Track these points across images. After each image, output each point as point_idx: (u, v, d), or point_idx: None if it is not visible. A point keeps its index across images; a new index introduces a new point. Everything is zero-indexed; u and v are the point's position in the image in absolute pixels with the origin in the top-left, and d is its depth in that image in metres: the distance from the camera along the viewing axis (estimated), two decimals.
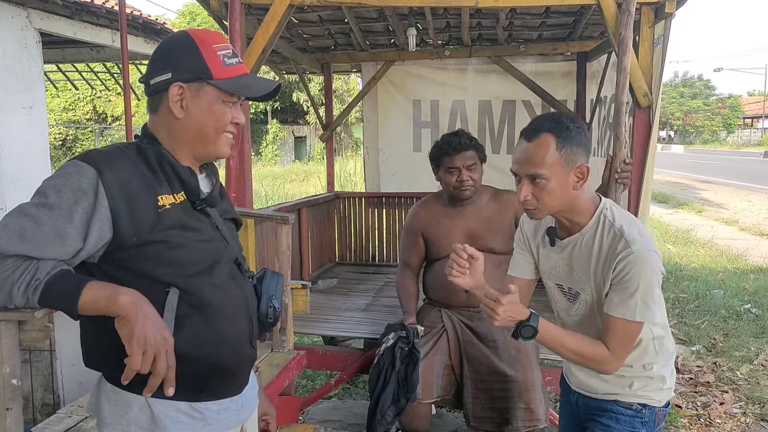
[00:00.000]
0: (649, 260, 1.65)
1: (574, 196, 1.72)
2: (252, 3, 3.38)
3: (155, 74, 1.37)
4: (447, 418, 3.77)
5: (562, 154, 1.66)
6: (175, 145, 1.39)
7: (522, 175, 1.71)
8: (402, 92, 5.59)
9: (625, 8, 2.78)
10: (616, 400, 1.83)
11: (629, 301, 1.65)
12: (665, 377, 1.84)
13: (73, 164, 1.27)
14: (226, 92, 1.37)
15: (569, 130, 1.68)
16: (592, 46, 4.82)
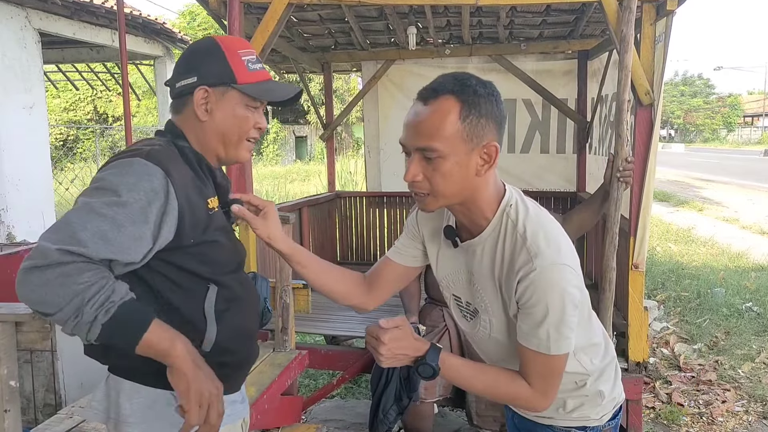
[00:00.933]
0: (555, 279, 1.28)
1: (476, 185, 1.34)
2: (251, 2, 3.37)
3: (181, 77, 1.41)
4: (450, 417, 3.76)
5: (466, 125, 1.28)
6: (201, 146, 1.42)
7: (411, 147, 1.34)
8: (402, 91, 5.58)
9: (627, 5, 2.78)
10: (551, 426, 1.55)
11: (538, 331, 1.30)
12: (602, 391, 1.54)
13: (140, 163, 1.26)
14: (250, 96, 1.41)
15: (477, 94, 1.31)
16: (593, 44, 4.81)
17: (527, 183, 5.33)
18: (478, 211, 1.38)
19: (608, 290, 2.81)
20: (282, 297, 2.87)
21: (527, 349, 1.33)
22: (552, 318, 1.28)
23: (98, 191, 1.22)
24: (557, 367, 1.36)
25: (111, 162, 1.30)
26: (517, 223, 1.35)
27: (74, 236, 1.14)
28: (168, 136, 1.43)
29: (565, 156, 5.36)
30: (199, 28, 26.42)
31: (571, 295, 1.29)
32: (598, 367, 1.53)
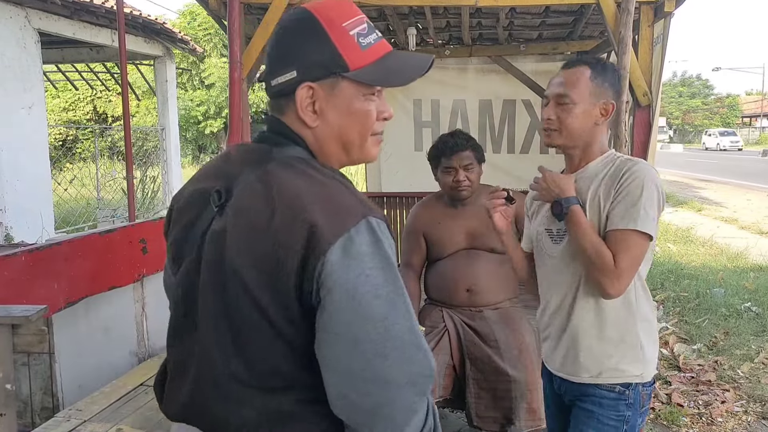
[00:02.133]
0: (651, 172, 1.71)
1: (594, 132, 1.80)
2: (251, 2, 3.38)
3: (276, 73, 1.11)
4: (450, 418, 3.76)
5: (593, 85, 1.76)
6: (320, 154, 1.14)
7: (551, 96, 1.81)
8: (402, 92, 5.58)
9: (625, 7, 2.78)
10: (598, 384, 1.78)
11: (632, 209, 1.66)
12: (643, 344, 1.77)
13: (380, 226, 1.03)
14: (368, 85, 1.13)
15: (605, 67, 1.82)
16: (592, 45, 4.82)
17: (527, 183, 5.29)
18: (589, 152, 1.82)
19: None
20: None
21: (618, 230, 1.68)
22: (644, 197, 1.66)
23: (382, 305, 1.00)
24: (639, 249, 1.68)
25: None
26: (625, 158, 1.79)
27: None
28: (294, 147, 1.12)
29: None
30: (199, 28, 26.40)
31: (657, 189, 1.69)
32: (645, 315, 1.79)
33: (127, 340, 2.77)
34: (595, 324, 1.78)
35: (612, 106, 1.78)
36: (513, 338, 2.79)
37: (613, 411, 1.76)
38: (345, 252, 0.96)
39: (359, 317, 0.96)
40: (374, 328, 0.97)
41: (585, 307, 1.79)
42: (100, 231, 2.61)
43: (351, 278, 0.96)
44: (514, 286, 3.13)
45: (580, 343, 1.80)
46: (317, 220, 0.97)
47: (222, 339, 1.05)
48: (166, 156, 10.52)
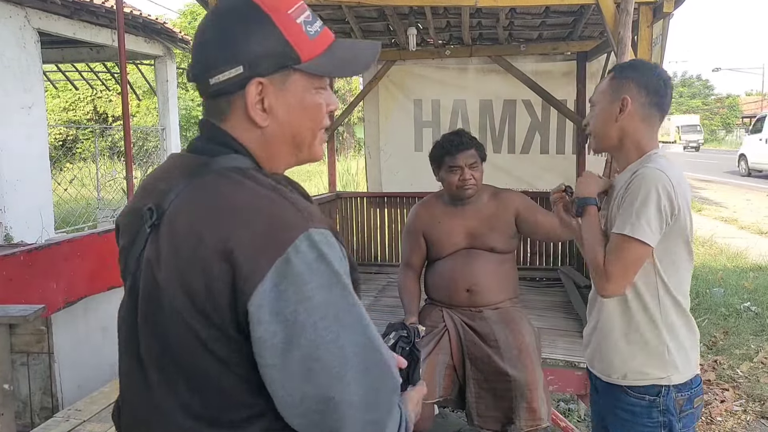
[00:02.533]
0: (652, 177, 1.67)
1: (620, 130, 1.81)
2: None
3: (216, 69, 0.98)
4: (450, 418, 3.77)
5: (613, 83, 1.82)
6: (267, 161, 1.03)
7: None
8: (403, 92, 5.59)
9: (624, 8, 2.79)
10: (626, 389, 1.80)
11: (627, 215, 1.68)
12: (669, 347, 1.76)
13: (324, 238, 0.92)
14: (321, 76, 1.03)
15: (631, 65, 1.90)
16: (592, 45, 4.82)
17: (527, 183, 5.33)
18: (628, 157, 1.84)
19: None
20: None
21: (613, 234, 1.72)
22: (640, 203, 1.65)
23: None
24: (627, 254, 1.69)
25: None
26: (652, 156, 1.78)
27: None
28: (235, 156, 1.00)
29: (565, 156, 5.36)
30: None
31: (659, 195, 1.65)
32: (673, 322, 1.77)
33: None
34: (621, 325, 1.81)
35: (626, 100, 1.77)
36: (513, 338, 2.79)
37: (646, 418, 1.78)
38: (281, 277, 0.86)
39: (305, 344, 0.87)
40: (326, 351, 0.88)
41: (613, 308, 1.82)
42: (99, 231, 2.61)
43: (289, 305, 0.86)
44: (514, 286, 3.13)
45: (607, 342, 1.85)
46: (246, 248, 0.87)
47: (170, 378, 0.96)
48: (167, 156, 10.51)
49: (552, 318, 3.70)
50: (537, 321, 3.41)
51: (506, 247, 3.06)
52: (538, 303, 4.05)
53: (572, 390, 3.16)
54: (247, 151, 1.00)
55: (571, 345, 3.22)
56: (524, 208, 3.06)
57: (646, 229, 1.65)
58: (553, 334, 3.38)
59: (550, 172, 5.41)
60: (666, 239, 1.71)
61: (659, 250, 1.72)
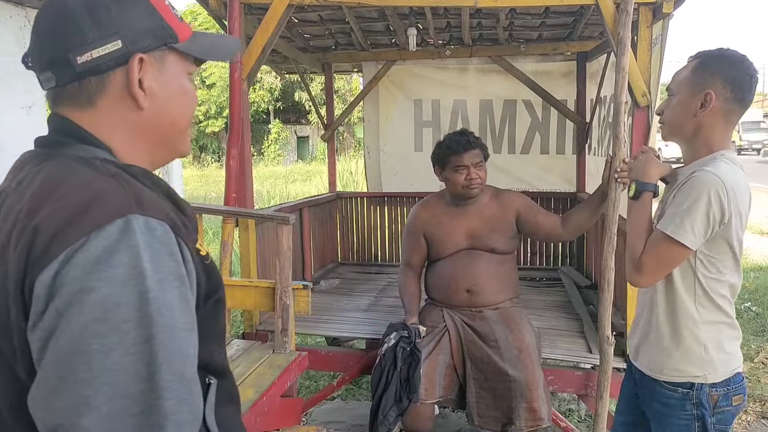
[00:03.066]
0: (705, 181, 1.65)
1: (696, 125, 1.76)
2: (251, 2, 3.39)
3: (86, 45, 0.85)
4: (451, 418, 3.77)
5: (695, 75, 1.75)
6: (136, 154, 0.92)
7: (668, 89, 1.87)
8: (403, 92, 5.60)
9: (624, 8, 2.79)
10: (663, 383, 1.82)
11: (673, 214, 1.69)
12: (707, 346, 1.77)
13: (147, 229, 0.76)
14: (194, 60, 0.98)
15: (716, 55, 1.76)
16: (592, 45, 4.82)
17: (528, 183, 5.34)
18: (696, 152, 1.79)
19: (607, 290, 2.82)
20: (282, 298, 2.87)
21: (656, 228, 1.74)
22: (686, 206, 1.65)
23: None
24: (666, 253, 1.72)
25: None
26: (713, 162, 1.71)
27: None
28: (84, 148, 0.87)
29: (565, 157, 5.37)
30: (200, 27, 26.44)
31: (710, 201, 1.63)
32: (711, 320, 1.78)
33: None
34: (663, 322, 1.83)
35: (710, 95, 1.70)
36: (513, 338, 2.80)
37: (680, 410, 1.80)
38: (68, 262, 0.71)
39: (62, 346, 0.70)
40: (83, 364, 0.69)
41: (659, 305, 1.84)
42: None
43: (63, 295, 0.70)
44: (515, 286, 3.14)
45: (648, 338, 1.89)
46: (49, 227, 0.74)
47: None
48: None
49: (552, 318, 3.71)
50: (537, 321, 3.42)
51: (507, 248, 3.07)
52: (539, 303, 4.06)
53: (572, 390, 3.16)
54: (103, 144, 0.88)
55: (571, 345, 3.23)
56: (525, 209, 3.07)
57: (688, 233, 1.66)
58: (553, 334, 3.39)
59: (550, 172, 5.42)
60: (711, 242, 1.71)
61: (701, 251, 1.73)
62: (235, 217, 3.31)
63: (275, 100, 30.03)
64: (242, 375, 2.62)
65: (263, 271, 3.58)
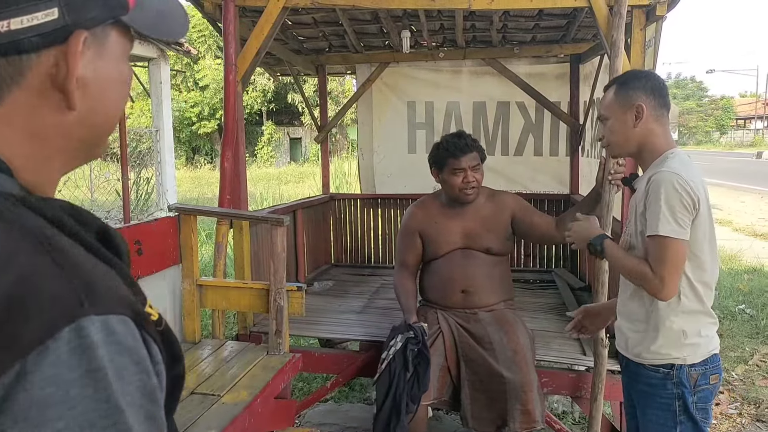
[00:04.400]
0: (668, 178, 1.80)
1: (639, 136, 1.95)
2: (246, 5, 3.38)
3: (11, 8, 0.57)
4: (445, 420, 3.77)
5: (618, 96, 1.98)
6: (43, 171, 0.65)
7: (599, 117, 2.09)
8: (396, 94, 5.60)
9: (617, 11, 2.80)
10: (643, 364, 1.95)
11: (653, 217, 1.80)
12: (685, 331, 1.90)
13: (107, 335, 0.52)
14: (133, 35, 0.71)
15: (631, 75, 2.09)
16: (585, 48, 4.84)
17: (521, 185, 5.34)
18: (647, 159, 1.97)
19: (601, 292, 2.83)
20: (276, 300, 2.87)
21: (648, 238, 1.83)
22: (662, 203, 1.77)
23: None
24: (671, 254, 1.80)
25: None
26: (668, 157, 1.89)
27: None
28: None
29: (558, 158, 5.38)
30: (193, 29, 26.40)
31: (677, 192, 1.77)
32: (690, 308, 1.89)
33: None
34: (636, 305, 1.98)
35: (641, 106, 1.93)
36: (507, 340, 2.80)
37: (662, 390, 1.92)
38: (7, 399, 0.47)
39: None
40: None
41: (630, 287, 2.01)
42: None
43: None
44: (509, 287, 3.14)
45: (630, 327, 2.01)
46: None
47: None
48: (160, 157, 10.50)
49: (546, 320, 3.71)
50: (531, 323, 3.42)
51: (502, 249, 3.08)
52: (533, 305, 4.06)
53: (567, 392, 3.16)
54: (3, 164, 0.60)
55: (565, 347, 3.23)
56: (520, 210, 3.07)
57: (681, 227, 1.78)
58: (547, 336, 3.39)
59: (543, 173, 5.43)
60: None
61: None
62: (229, 218, 3.30)
63: (268, 102, 29.99)
64: (236, 376, 2.62)
65: (257, 273, 3.57)
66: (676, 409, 1.90)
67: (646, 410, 1.98)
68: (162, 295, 3.02)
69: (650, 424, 1.97)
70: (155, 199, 10.79)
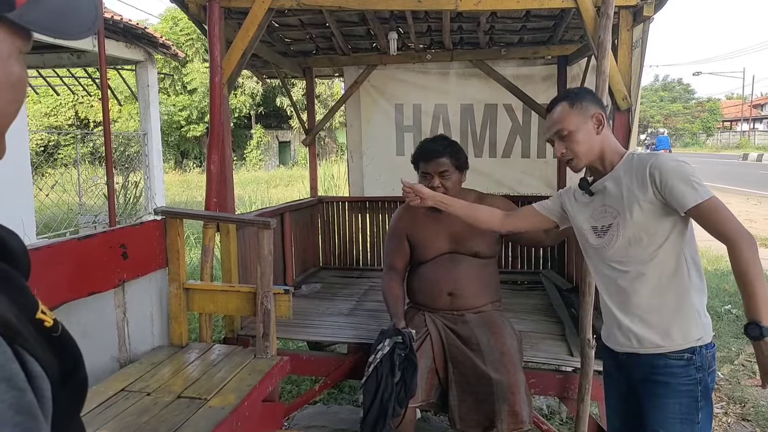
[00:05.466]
0: (663, 158, 1.92)
1: (601, 142, 2.05)
2: (231, 6, 3.37)
3: None
4: (433, 422, 3.76)
5: (575, 110, 2.05)
6: None
7: (552, 136, 2.10)
8: (384, 96, 5.60)
9: (604, 12, 2.81)
10: (665, 354, 1.94)
11: (688, 187, 1.84)
12: (698, 310, 1.93)
13: None
14: (26, 33, 0.66)
15: (578, 91, 2.15)
16: (572, 49, 4.85)
17: (509, 187, 5.35)
18: (609, 159, 2.06)
19: (588, 293, 2.84)
20: (263, 303, 2.86)
21: (698, 206, 1.82)
22: (685, 172, 1.86)
23: None
24: (723, 208, 1.82)
25: None
26: (642, 155, 2.00)
27: None
28: None
29: (546, 160, 5.40)
30: (181, 32, 26.31)
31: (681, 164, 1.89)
32: (696, 284, 1.94)
33: (108, 346, 2.75)
34: (654, 297, 1.96)
35: (601, 114, 2.05)
36: (495, 341, 2.80)
37: (685, 378, 1.92)
38: None
39: None
40: None
41: (642, 283, 1.98)
42: (80, 236, 2.58)
43: None
44: (496, 289, 3.14)
45: (642, 316, 1.99)
46: None
47: None
48: (149, 161, 10.46)
49: (534, 321, 3.72)
50: (519, 324, 3.42)
51: (489, 252, 3.08)
52: (520, 306, 4.06)
53: (554, 393, 3.16)
54: None
55: (552, 348, 3.23)
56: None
57: (705, 186, 1.86)
58: (534, 337, 3.39)
59: (531, 176, 5.44)
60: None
61: (683, 220, 1.93)
62: (216, 222, 3.28)
63: (257, 106, 29.94)
64: (223, 380, 2.60)
65: (245, 276, 3.56)
66: (698, 395, 1.91)
67: (664, 401, 1.96)
68: (148, 298, 3.00)
69: (669, 415, 1.94)
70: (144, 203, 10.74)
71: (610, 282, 2.07)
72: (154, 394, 2.42)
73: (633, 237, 1.98)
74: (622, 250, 2.01)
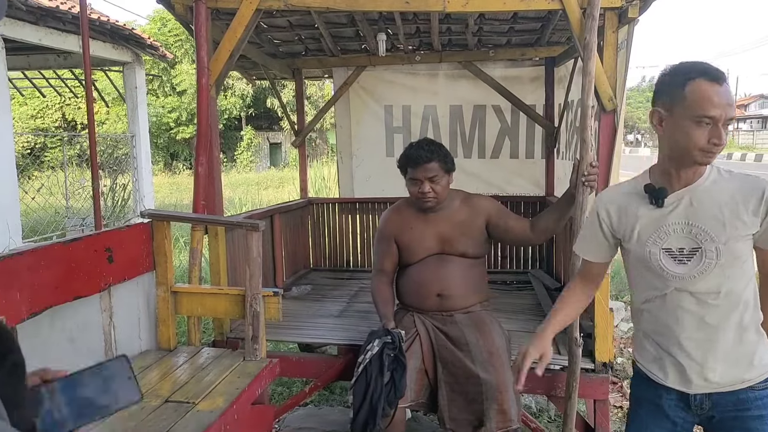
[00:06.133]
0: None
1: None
2: (218, 7, 3.36)
3: None
4: (422, 422, 3.77)
5: None
6: None
7: (725, 119, 1.69)
8: (374, 97, 5.60)
9: (590, 13, 2.83)
10: (752, 386, 1.77)
11: None
12: (766, 333, 1.82)
13: None
14: None
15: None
16: (559, 51, 4.88)
17: (497, 188, 5.37)
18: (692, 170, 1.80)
19: None
20: (252, 305, 2.85)
21: None
22: None
23: None
24: None
25: None
26: (745, 176, 1.80)
27: None
28: None
29: (534, 161, 5.42)
30: (170, 34, 26.20)
31: None
32: (758, 306, 1.81)
33: (94, 350, 2.73)
34: (739, 331, 1.77)
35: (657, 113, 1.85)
36: (483, 341, 2.81)
37: None
38: None
39: None
40: None
41: (732, 319, 1.76)
42: (65, 240, 2.56)
43: None
44: (485, 289, 3.15)
45: (728, 356, 1.78)
46: None
47: None
48: (137, 163, 10.41)
49: (522, 320, 3.73)
50: (507, 324, 3.43)
51: (478, 252, 3.09)
52: (509, 306, 4.08)
53: (542, 391, 3.18)
54: None
55: None
56: (495, 213, 3.09)
57: None
58: (523, 336, 3.40)
59: (519, 176, 5.46)
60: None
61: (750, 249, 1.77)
62: (204, 224, 3.27)
63: (247, 107, 29.86)
64: (212, 383, 2.59)
65: (233, 279, 3.55)
66: None
67: None
68: (135, 302, 2.99)
69: None
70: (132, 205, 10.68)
71: (693, 318, 1.78)
72: None
73: (731, 267, 1.73)
74: (717, 280, 1.74)
